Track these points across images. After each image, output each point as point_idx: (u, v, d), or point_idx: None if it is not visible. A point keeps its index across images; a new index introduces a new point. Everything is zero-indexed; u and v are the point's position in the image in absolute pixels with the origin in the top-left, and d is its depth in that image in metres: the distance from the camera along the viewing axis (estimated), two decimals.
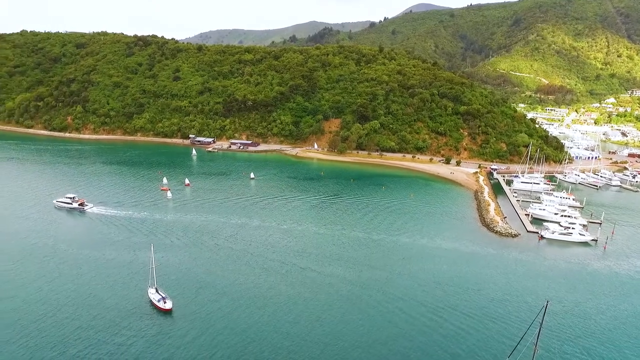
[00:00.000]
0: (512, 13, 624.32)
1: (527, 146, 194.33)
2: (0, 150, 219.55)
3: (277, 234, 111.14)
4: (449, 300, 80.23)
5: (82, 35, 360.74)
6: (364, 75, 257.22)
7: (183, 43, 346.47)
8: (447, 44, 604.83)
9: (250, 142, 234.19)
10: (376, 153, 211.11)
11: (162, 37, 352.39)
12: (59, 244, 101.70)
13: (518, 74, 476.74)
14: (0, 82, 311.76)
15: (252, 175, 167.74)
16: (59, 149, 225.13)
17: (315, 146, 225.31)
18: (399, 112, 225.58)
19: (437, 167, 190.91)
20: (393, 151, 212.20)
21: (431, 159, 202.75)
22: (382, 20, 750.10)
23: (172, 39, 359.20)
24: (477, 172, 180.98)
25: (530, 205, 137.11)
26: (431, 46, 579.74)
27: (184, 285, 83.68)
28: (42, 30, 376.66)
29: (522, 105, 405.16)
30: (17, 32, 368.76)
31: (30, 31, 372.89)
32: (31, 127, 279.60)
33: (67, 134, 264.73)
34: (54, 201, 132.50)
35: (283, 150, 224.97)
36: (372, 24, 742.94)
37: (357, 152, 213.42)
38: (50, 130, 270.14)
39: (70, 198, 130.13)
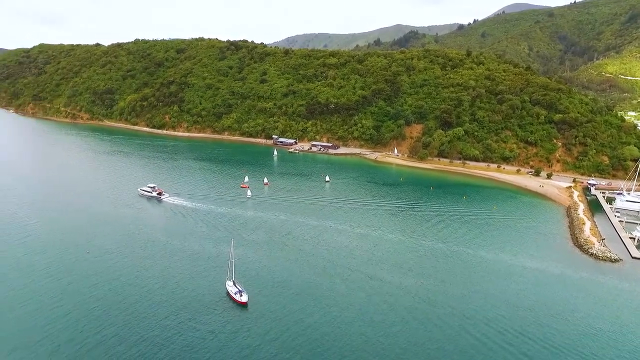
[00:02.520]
0: (628, 8, 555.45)
1: (636, 160, 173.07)
2: (111, 144, 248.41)
3: (353, 238, 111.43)
4: (530, 328, 74.02)
5: (182, 41, 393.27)
6: (450, 80, 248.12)
7: (271, 47, 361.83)
8: (544, 46, 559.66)
9: (330, 144, 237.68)
10: (458, 161, 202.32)
11: (252, 41, 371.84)
12: (154, 233, 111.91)
13: (630, 77, 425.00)
14: (116, 85, 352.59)
15: (327, 179, 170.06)
16: (157, 144, 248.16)
17: (395, 151, 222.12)
18: (485, 119, 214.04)
19: (525, 179, 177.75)
20: (477, 160, 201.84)
21: (518, 170, 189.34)
22: (471, 22, 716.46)
23: (261, 43, 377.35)
24: (571, 186, 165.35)
25: (637, 227, 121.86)
26: (524, 49, 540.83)
27: (259, 281, 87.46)
28: (151, 38, 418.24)
29: (632, 113, 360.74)
30: (132, 41, 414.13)
31: (142, 39, 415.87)
32: (136, 124, 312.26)
33: (164, 131, 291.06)
34: (138, 189, 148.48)
35: (362, 154, 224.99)
36: (461, 27, 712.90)
37: (439, 160, 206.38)
38: (151, 128, 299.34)
39: (151, 187, 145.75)
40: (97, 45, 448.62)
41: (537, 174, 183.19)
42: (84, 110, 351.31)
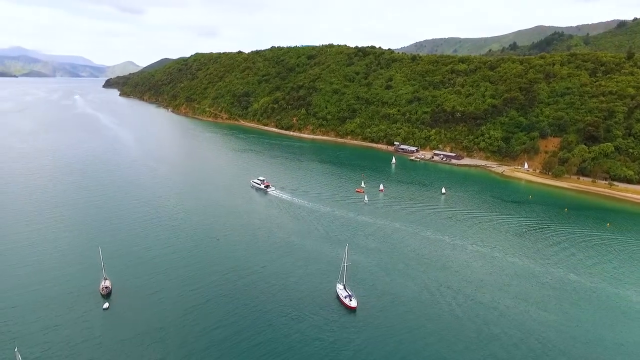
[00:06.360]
0: None
1: None
2: (245, 142, 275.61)
3: (471, 257, 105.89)
4: None
5: (313, 48, 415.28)
6: (600, 88, 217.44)
7: (398, 53, 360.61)
8: None
9: (454, 154, 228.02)
10: (604, 182, 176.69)
11: (380, 47, 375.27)
12: (274, 229, 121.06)
13: None
14: (252, 88, 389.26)
15: (443, 191, 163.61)
16: (284, 144, 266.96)
17: (526, 166, 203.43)
18: None
19: None
20: (630, 182, 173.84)
21: None
22: (638, 17, 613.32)
23: (389, 49, 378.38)
24: None
25: None
26: None
27: (370, 288, 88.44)
28: (285, 45, 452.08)
29: None
30: (268, 49, 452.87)
31: (277, 47, 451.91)
32: (266, 124, 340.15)
33: (291, 132, 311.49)
34: (250, 180, 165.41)
35: (488, 166, 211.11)
36: (622, 24, 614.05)
37: (578, 178, 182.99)
38: (279, 128, 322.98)
39: (260, 180, 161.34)
40: (239, 52, 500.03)
41: None
42: (224, 110, 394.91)
